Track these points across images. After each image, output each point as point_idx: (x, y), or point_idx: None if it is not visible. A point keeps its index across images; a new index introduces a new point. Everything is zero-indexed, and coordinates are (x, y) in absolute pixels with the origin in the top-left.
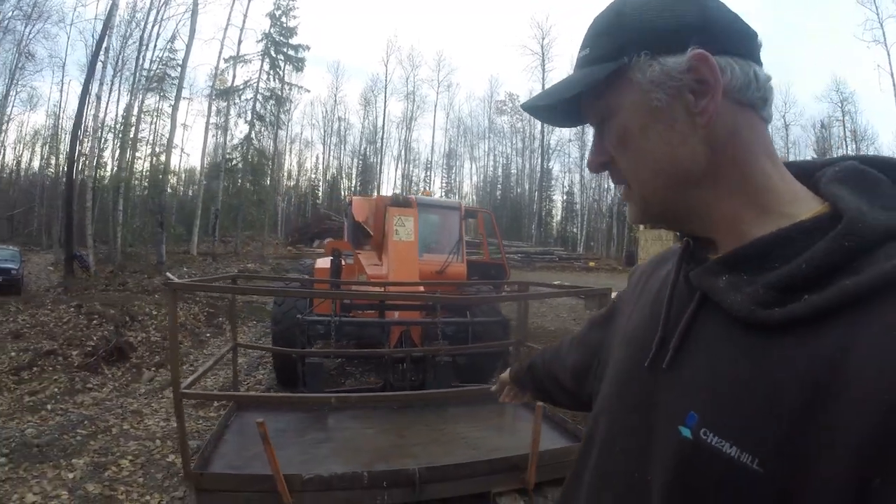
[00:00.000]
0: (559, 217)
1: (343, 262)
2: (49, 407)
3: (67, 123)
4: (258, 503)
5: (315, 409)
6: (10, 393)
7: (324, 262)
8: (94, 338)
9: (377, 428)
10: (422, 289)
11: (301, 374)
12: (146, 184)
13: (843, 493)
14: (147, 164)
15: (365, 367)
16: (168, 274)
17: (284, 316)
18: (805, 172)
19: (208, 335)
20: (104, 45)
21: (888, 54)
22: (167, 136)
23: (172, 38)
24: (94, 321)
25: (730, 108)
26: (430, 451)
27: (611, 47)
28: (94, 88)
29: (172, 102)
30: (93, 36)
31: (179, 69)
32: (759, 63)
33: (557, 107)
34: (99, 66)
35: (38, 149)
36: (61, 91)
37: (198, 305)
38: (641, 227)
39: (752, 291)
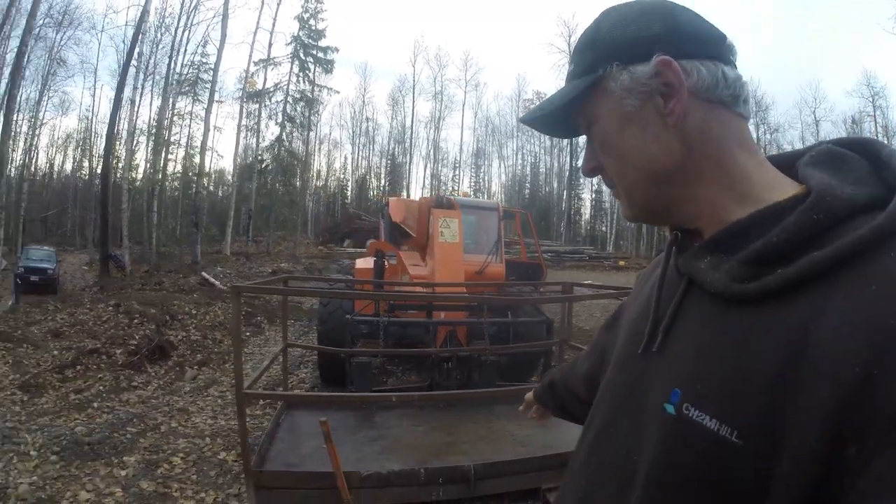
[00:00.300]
0: (588, 215)
1: (386, 263)
2: (95, 405)
3: (100, 127)
4: (316, 500)
5: (363, 407)
6: (56, 391)
7: (364, 263)
8: (137, 336)
9: (426, 426)
10: (464, 290)
11: (348, 372)
12: (178, 185)
13: (819, 463)
14: (179, 167)
15: (406, 367)
16: (204, 273)
17: (331, 316)
18: (787, 162)
19: (247, 334)
20: (136, 50)
21: None
22: (199, 138)
23: (205, 43)
24: (136, 320)
25: (699, 106)
26: (480, 449)
27: (588, 61)
28: (127, 93)
29: (205, 105)
30: (123, 42)
31: (212, 73)
32: (729, 63)
33: (551, 119)
34: (131, 70)
35: (70, 152)
36: (93, 95)
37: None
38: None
39: (728, 268)
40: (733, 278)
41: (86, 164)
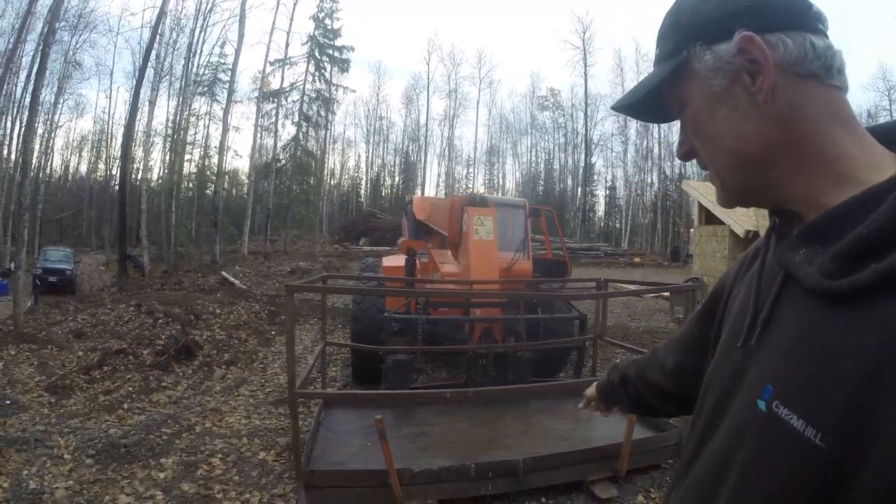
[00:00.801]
0: (602, 212)
1: (417, 261)
2: (126, 406)
3: (115, 128)
4: (367, 499)
5: (401, 404)
6: (84, 392)
7: (392, 261)
8: (163, 336)
9: (467, 422)
10: (498, 287)
11: (384, 370)
12: (202, 185)
13: None
14: (197, 167)
15: (436, 364)
16: (223, 273)
17: (364, 314)
18: (891, 136)
19: (273, 333)
20: (153, 51)
21: None
22: (216, 138)
23: (223, 44)
24: (160, 320)
25: (790, 81)
26: (523, 443)
27: (672, 44)
28: (146, 94)
29: (224, 106)
30: (139, 44)
31: (230, 73)
32: (818, 32)
33: (641, 105)
34: (149, 72)
35: (85, 154)
36: (108, 97)
37: (258, 304)
38: (697, 222)
39: (821, 262)
40: (824, 273)
41: (101, 165)
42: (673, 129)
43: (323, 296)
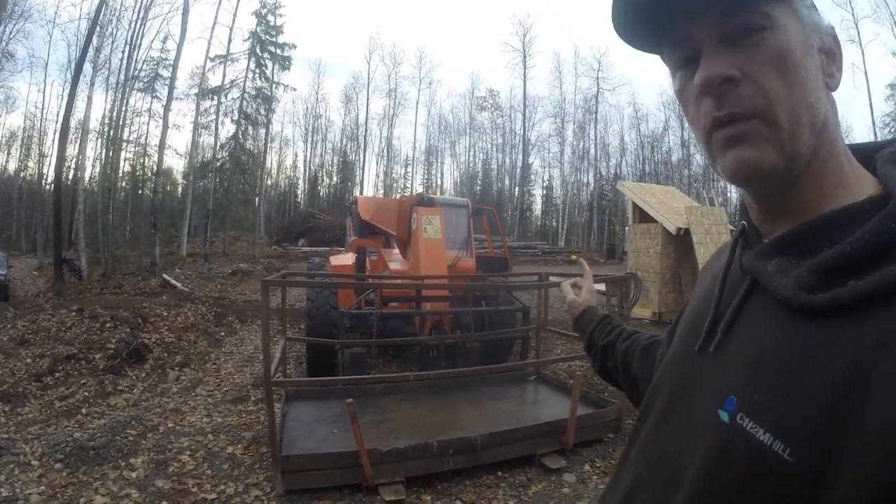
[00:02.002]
0: (539, 211)
1: (367, 260)
2: (84, 411)
3: (48, 125)
4: (339, 478)
5: (360, 394)
6: (38, 399)
7: (340, 260)
8: (113, 340)
9: (425, 408)
10: (447, 283)
11: (341, 363)
12: (136, 185)
13: (877, 486)
14: (136, 166)
15: (386, 358)
16: (165, 276)
17: (318, 311)
18: (865, 155)
19: (222, 334)
20: (92, 44)
21: (862, 53)
22: (156, 136)
23: (164, 38)
24: (107, 324)
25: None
26: (479, 424)
27: None
28: (84, 90)
29: (164, 103)
30: (77, 36)
31: (171, 69)
32: None
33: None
34: (87, 66)
35: (14, 151)
36: (42, 91)
37: (205, 306)
38: (631, 220)
39: (797, 275)
40: (801, 286)
41: (31, 164)
42: (609, 131)
43: (283, 292)
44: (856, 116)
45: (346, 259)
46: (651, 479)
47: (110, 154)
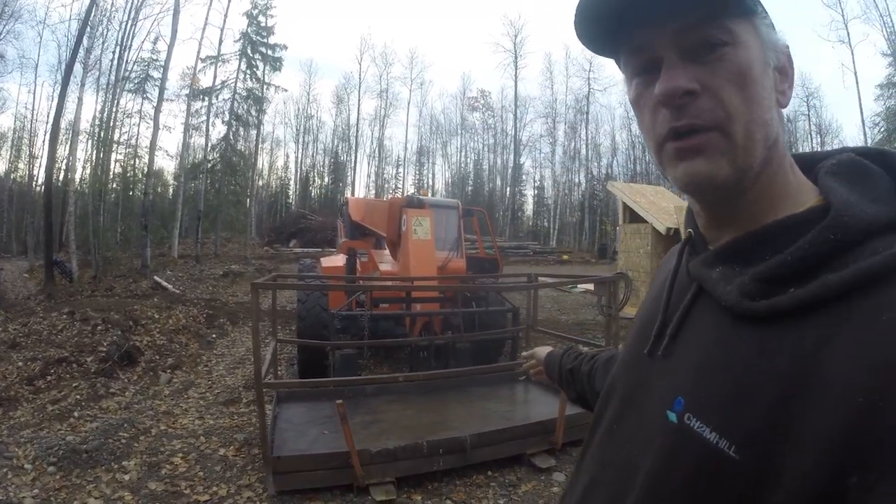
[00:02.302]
0: (530, 212)
1: (357, 261)
2: (76, 414)
3: (38, 126)
4: (330, 479)
5: (351, 395)
6: (30, 403)
7: (331, 262)
8: (105, 343)
9: (415, 409)
10: (437, 284)
11: (331, 365)
12: (126, 187)
13: (816, 489)
14: (126, 167)
15: (377, 360)
16: (156, 277)
17: (308, 313)
18: (808, 164)
19: (214, 336)
20: (82, 45)
21: (852, 54)
22: (147, 137)
23: (155, 39)
24: (98, 327)
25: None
26: (469, 424)
27: None
28: (74, 89)
29: (155, 104)
30: (67, 36)
31: (162, 70)
32: None
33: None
34: (77, 66)
35: (3, 152)
36: (32, 92)
37: (196, 308)
38: (621, 220)
39: (740, 283)
40: (744, 294)
41: (21, 165)
42: (600, 131)
43: (274, 294)
44: (846, 116)
45: (336, 260)
46: (606, 480)
47: (101, 156)
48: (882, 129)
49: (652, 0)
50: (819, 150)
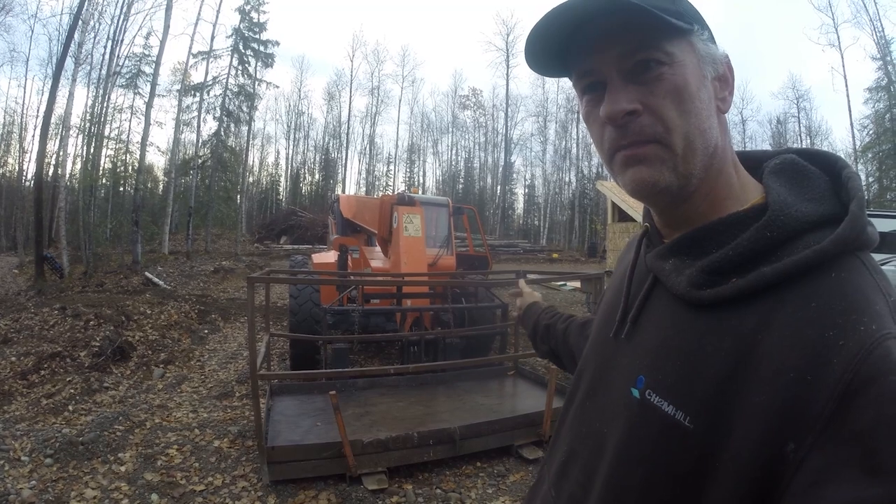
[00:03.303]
0: (521, 210)
1: (349, 257)
2: (71, 408)
3: (28, 120)
4: (323, 469)
5: (342, 389)
6: (24, 397)
7: (322, 258)
8: (97, 338)
9: (406, 401)
10: (427, 280)
11: (324, 359)
12: (117, 182)
13: (759, 455)
14: (117, 163)
15: (367, 354)
16: (147, 273)
17: (301, 308)
18: (756, 162)
19: (206, 332)
20: (74, 39)
21: (842, 57)
22: (138, 133)
23: (147, 34)
24: (91, 322)
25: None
26: (458, 416)
27: (674, 9)
28: (66, 85)
29: (147, 99)
30: (58, 30)
31: (154, 66)
32: None
33: (634, 22)
34: (68, 61)
35: None
36: (22, 87)
37: (188, 304)
38: (610, 219)
39: (689, 274)
40: (692, 284)
41: (10, 160)
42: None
43: (267, 289)
44: (835, 118)
45: (328, 257)
46: (581, 450)
47: (91, 151)
48: (870, 132)
49: (593, 30)
50: (767, 149)
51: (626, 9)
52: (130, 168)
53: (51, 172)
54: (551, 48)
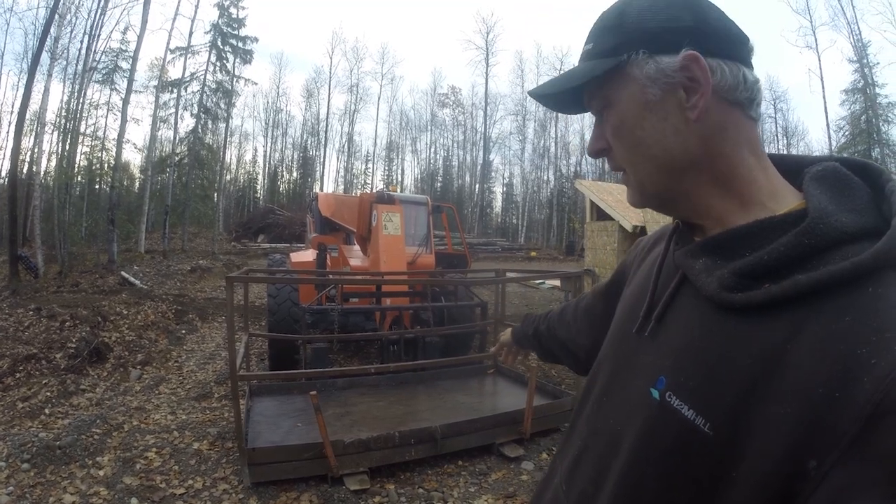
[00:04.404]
0: (499, 208)
1: (328, 256)
2: (47, 411)
3: (2, 116)
4: (304, 469)
5: (321, 389)
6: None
7: (300, 257)
8: (73, 339)
9: (386, 401)
10: (406, 279)
11: (303, 358)
12: (92, 180)
13: (780, 469)
14: (92, 160)
15: (347, 354)
16: (123, 273)
17: (280, 307)
18: (796, 166)
19: (183, 332)
20: (50, 33)
21: (819, 59)
22: (115, 130)
23: (125, 29)
24: (67, 323)
25: (719, 105)
26: (439, 415)
27: (612, 44)
28: (41, 80)
29: (123, 95)
30: (35, 24)
31: (131, 61)
32: (749, 66)
33: (561, 95)
34: (44, 56)
35: None
36: None
37: (165, 304)
38: (588, 218)
39: (720, 275)
40: (723, 286)
41: None
42: (570, 129)
43: (246, 288)
44: (811, 120)
45: (306, 256)
46: (595, 446)
47: (67, 148)
48: (846, 133)
49: (551, 91)
50: (806, 154)
51: (563, 92)
52: (106, 165)
53: (25, 169)
54: (560, 103)
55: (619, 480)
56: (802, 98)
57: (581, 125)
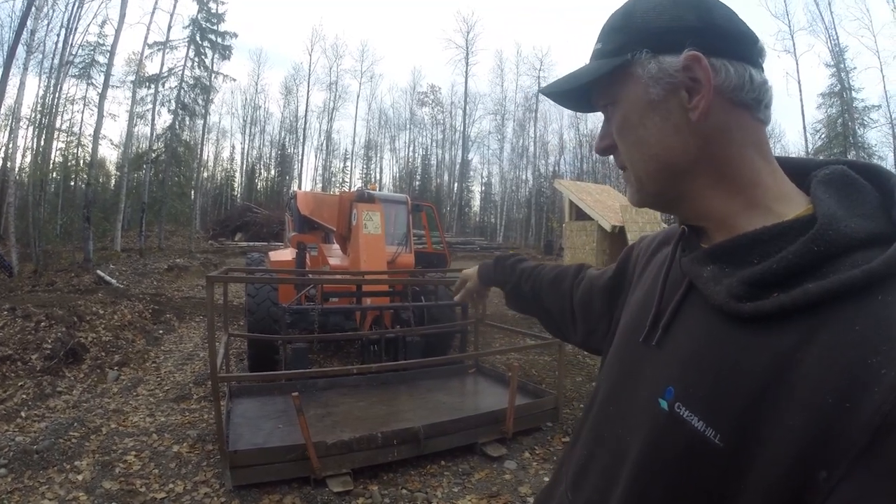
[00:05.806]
0: (478, 207)
1: (307, 255)
2: (23, 414)
3: None
4: (287, 472)
5: (302, 390)
6: None
7: (279, 255)
8: (49, 340)
9: (367, 401)
10: (387, 278)
11: (284, 358)
12: (69, 177)
13: (790, 479)
14: (68, 156)
15: (326, 354)
16: (99, 272)
17: (259, 307)
18: (801, 171)
19: (161, 332)
20: (27, 26)
21: (797, 63)
22: (91, 125)
23: (102, 23)
24: (42, 323)
25: (723, 106)
26: (421, 415)
27: (618, 44)
28: (17, 74)
29: (100, 90)
30: (11, 16)
31: (108, 55)
32: (757, 66)
33: (571, 94)
34: (20, 49)
35: None
36: None
37: (142, 303)
38: (567, 218)
39: (729, 284)
40: (731, 295)
41: None
42: (549, 129)
43: (225, 288)
44: (788, 122)
45: (285, 254)
46: (601, 455)
47: (42, 143)
48: (823, 136)
49: (561, 89)
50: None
51: (572, 90)
52: (82, 162)
53: (0, 166)
54: (561, 99)
55: (626, 490)
56: (780, 101)
57: (560, 125)
